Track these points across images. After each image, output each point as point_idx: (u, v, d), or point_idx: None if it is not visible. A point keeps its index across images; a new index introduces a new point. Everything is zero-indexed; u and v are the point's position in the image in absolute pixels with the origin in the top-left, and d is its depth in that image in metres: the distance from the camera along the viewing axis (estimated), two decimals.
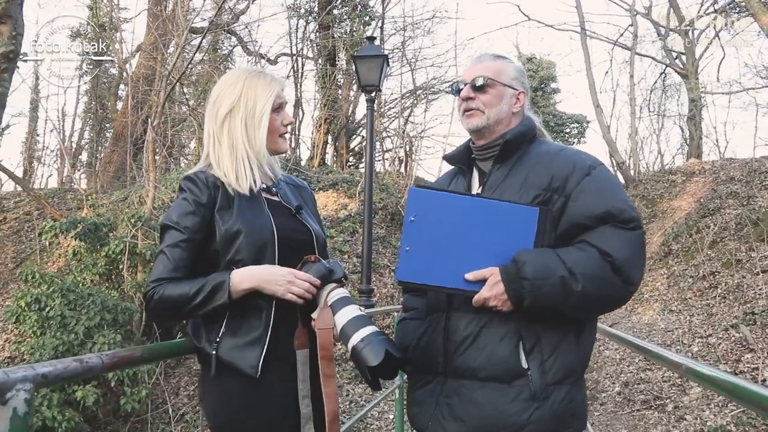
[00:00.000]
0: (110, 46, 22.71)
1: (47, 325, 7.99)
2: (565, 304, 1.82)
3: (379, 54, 9.22)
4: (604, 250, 1.83)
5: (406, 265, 1.87)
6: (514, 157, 2.05)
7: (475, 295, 1.86)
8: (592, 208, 1.88)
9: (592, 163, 1.98)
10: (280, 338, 1.98)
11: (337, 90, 19.96)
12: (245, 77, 2.14)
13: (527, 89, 2.19)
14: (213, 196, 2.02)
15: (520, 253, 1.85)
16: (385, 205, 14.53)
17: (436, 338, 1.98)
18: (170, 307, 1.94)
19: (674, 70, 21.65)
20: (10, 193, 19.30)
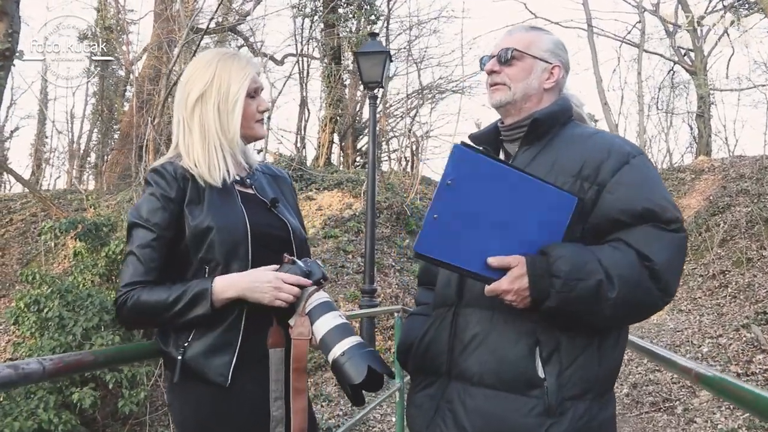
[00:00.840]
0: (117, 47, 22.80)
1: (45, 326, 7.89)
2: (593, 311, 1.60)
3: (382, 50, 9.09)
4: (644, 253, 1.61)
5: (430, 235, 1.60)
6: (544, 140, 1.84)
7: (492, 284, 1.62)
8: (630, 202, 1.66)
9: (632, 150, 1.75)
10: (252, 341, 1.83)
11: (343, 89, 19.87)
12: (218, 59, 1.98)
13: (565, 64, 1.96)
14: (182, 189, 1.87)
15: (555, 247, 1.63)
16: (390, 204, 14.40)
17: (441, 335, 1.79)
18: (145, 315, 1.80)
19: (683, 67, 21.45)
20: (17, 194, 19.35)
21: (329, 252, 12.48)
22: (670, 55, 22.15)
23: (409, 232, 13.93)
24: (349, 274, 11.85)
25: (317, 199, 14.86)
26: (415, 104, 21.21)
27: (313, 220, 13.91)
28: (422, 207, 15.24)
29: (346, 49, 19.18)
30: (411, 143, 20.28)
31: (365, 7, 19.02)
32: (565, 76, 1.96)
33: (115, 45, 22.76)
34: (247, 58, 2.03)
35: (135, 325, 1.93)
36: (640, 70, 20.32)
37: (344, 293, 11.14)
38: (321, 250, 12.53)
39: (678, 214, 1.68)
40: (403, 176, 18.28)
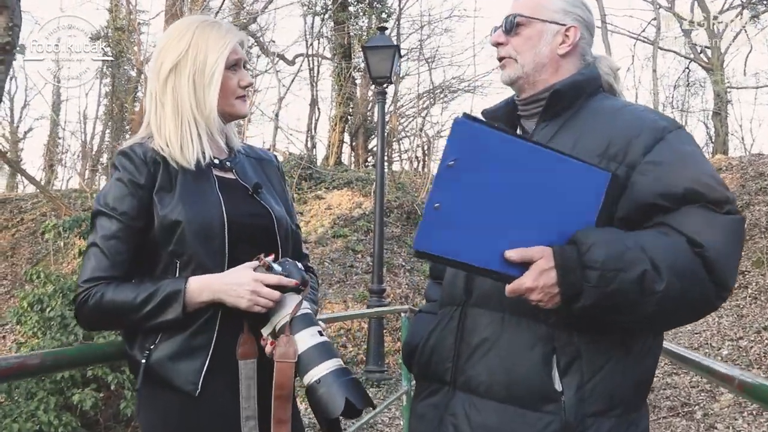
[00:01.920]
0: (129, 48, 22.79)
1: (48, 325, 7.76)
2: (636, 309, 1.33)
3: (390, 44, 8.87)
4: (693, 239, 1.33)
5: (430, 229, 1.33)
6: (566, 114, 1.58)
7: (513, 282, 1.35)
8: (669, 183, 1.38)
9: (668, 124, 1.49)
10: (225, 345, 1.62)
11: (354, 88, 19.71)
12: (195, 26, 1.75)
13: (585, 22, 1.67)
14: (152, 174, 1.65)
15: (585, 232, 1.35)
16: (401, 203, 14.21)
17: (447, 338, 1.56)
18: (109, 316, 1.60)
19: (699, 64, 21.09)
20: (27, 194, 19.36)
21: (338, 251, 12.31)
22: (686, 53, 21.81)
23: None
24: (358, 273, 11.67)
25: (327, 198, 14.69)
26: (426, 104, 21.05)
27: (323, 220, 13.74)
28: None
29: (357, 47, 19.02)
30: (422, 143, 20.11)
31: (376, 4, 18.85)
32: (586, 37, 1.68)
33: (126, 45, 22.80)
34: (228, 27, 1.81)
35: (97, 326, 1.72)
36: (655, 67, 20.01)
37: (353, 293, 10.96)
38: (330, 250, 12.36)
39: (728, 193, 1.40)
40: (414, 176, 18.09)
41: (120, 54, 23.21)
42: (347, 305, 10.54)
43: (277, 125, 15.31)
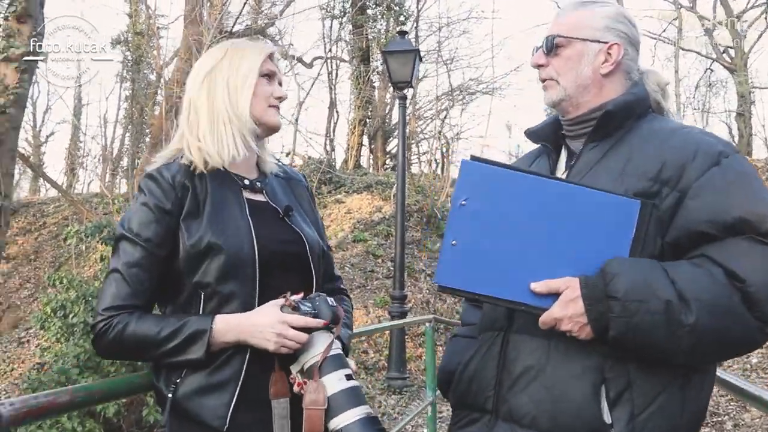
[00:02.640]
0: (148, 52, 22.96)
1: (71, 331, 7.80)
2: (668, 343, 1.31)
3: (411, 49, 8.80)
4: (734, 272, 1.30)
5: (450, 264, 1.38)
6: (616, 135, 1.53)
7: (543, 314, 1.37)
8: (719, 211, 1.35)
9: (723, 148, 1.44)
10: (254, 380, 1.57)
11: (372, 91, 19.69)
12: (231, 42, 1.78)
13: (629, 38, 1.60)
14: (179, 199, 1.60)
15: (612, 263, 1.35)
16: (420, 207, 14.16)
17: (488, 365, 1.52)
18: (130, 349, 1.56)
19: (721, 64, 20.82)
20: (50, 198, 19.56)
21: (358, 256, 12.28)
22: (708, 53, 21.55)
23: (440, 235, 13.63)
24: (379, 279, 11.63)
25: (346, 203, 14.68)
26: (445, 106, 20.94)
27: (342, 224, 13.73)
28: None
29: (375, 50, 19.00)
30: (441, 145, 20.03)
31: (394, 7, 18.82)
32: (631, 53, 1.61)
33: (146, 50, 22.96)
34: (263, 41, 1.82)
35: (116, 357, 1.68)
36: (677, 68, 19.79)
37: (373, 299, 10.92)
38: (350, 255, 12.33)
39: None
40: (433, 178, 18.03)
41: (140, 58, 23.41)
42: (368, 311, 10.50)
43: (296, 130, 15.28)
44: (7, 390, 10.10)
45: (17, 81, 6.94)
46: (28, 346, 11.50)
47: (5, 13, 7.06)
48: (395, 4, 19.03)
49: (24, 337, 11.95)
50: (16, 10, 6.98)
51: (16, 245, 16.49)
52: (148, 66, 24.03)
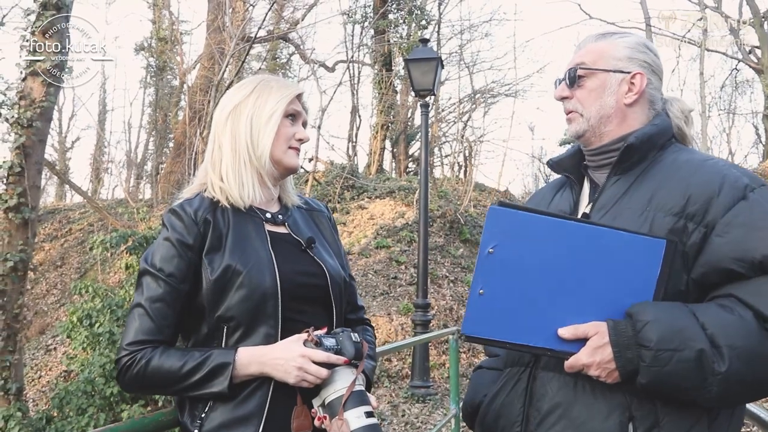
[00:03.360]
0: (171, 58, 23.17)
1: (97, 341, 7.87)
2: (699, 389, 1.29)
3: (433, 56, 8.77)
4: (765, 314, 1.28)
5: (477, 313, 1.38)
6: (639, 168, 1.52)
7: (571, 359, 1.36)
8: (747, 248, 1.33)
9: (750, 182, 1.41)
10: (277, 414, 1.57)
11: (395, 95, 19.67)
12: (260, 79, 1.78)
13: (652, 67, 1.60)
14: (202, 234, 1.62)
15: (642, 307, 1.33)
16: (443, 212, 14.10)
17: (515, 402, 1.52)
18: (154, 383, 1.56)
19: (747, 65, 20.52)
20: (75, 204, 19.80)
21: (381, 263, 12.26)
22: (733, 53, 21.25)
23: (464, 240, 13.60)
24: (402, 285, 11.59)
25: (369, 208, 14.67)
26: (467, 109, 20.86)
27: (365, 230, 13.72)
28: (476, 214, 14.89)
29: (397, 54, 18.98)
30: (464, 148, 19.96)
31: (416, 12, 18.80)
32: (654, 82, 1.61)
33: (169, 56, 23.17)
34: (292, 82, 1.83)
35: (140, 391, 1.69)
36: (702, 69, 19.49)
37: (396, 306, 10.89)
38: (373, 261, 12.32)
39: None
40: (456, 182, 17.96)
41: (163, 64, 23.63)
42: (391, 318, 10.48)
43: (318, 136, 15.31)
44: (35, 399, 10.21)
45: (44, 95, 7.03)
46: (55, 354, 11.62)
47: (32, 28, 7.14)
48: (417, 8, 19.00)
49: (51, 345, 12.09)
50: (42, 25, 7.06)
51: (42, 252, 16.71)
52: (172, 72, 24.26)
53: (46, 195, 24.41)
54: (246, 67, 18.93)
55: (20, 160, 6.89)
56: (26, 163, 6.93)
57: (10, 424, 6.71)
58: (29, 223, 7.05)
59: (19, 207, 6.97)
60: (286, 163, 1.75)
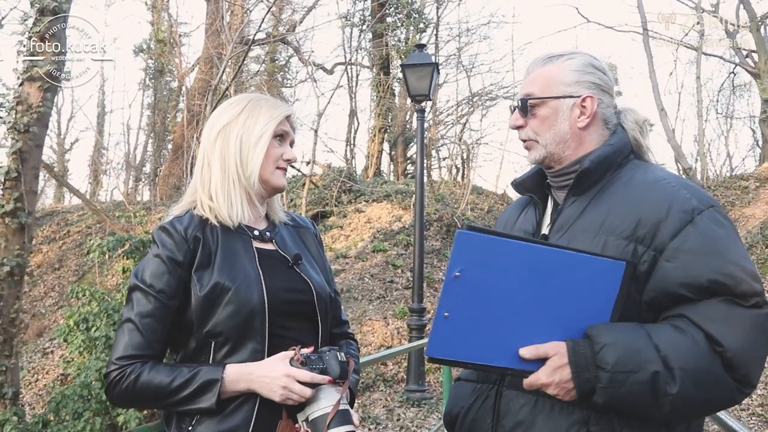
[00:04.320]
0: (170, 60, 23.19)
1: (93, 345, 7.88)
2: (652, 408, 1.33)
3: (429, 62, 8.81)
4: (713, 337, 1.32)
5: (441, 336, 1.41)
6: (595, 188, 1.55)
7: (530, 377, 1.40)
8: (694, 273, 1.36)
9: (698, 203, 1.43)
10: (263, 428, 1.60)
11: (393, 99, 19.70)
12: (251, 98, 1.81)
13: (601, 86, 1.62)
14: (192, 251, 1.65)
15: (600, 329, 1.37)
16: (440, 216, 14.13)
17: (484, 419, 1.57)
18: (143, 398, 1.59)
19: (744, 69, 20.55)
20: (74, 207, 19.79)
21: (378, 266, 12.28)
22: (731, 57, 21.28)
23: None
24: (398, 289, 11.62)
25: (366, 212, 14.69)
26: (465, 111, 20.90)
27: (362, 233, 13.74)
28: (473, 218, 14.91)
29: (395, 58, 19.01)
30: (462, 151, 20.00)
31: (414, 15, 18.82)
32: (606, 100, 1.63)
33: (168, 58, 23.19)
34: (281, 102, 1.84)
35: (129, 405, 1.72)
36: (698, 74, 19.55)
37: (393, 309, 10.92)
38: (369, 265, 12.34)
39: (757, 285, 1.36)
40: (453, 186, 17.98)
41: (162, 66, 23.65)
42: (387, 322, 10.50)
43: (316, 141, 15.34)
44: (32, 402, 10.23)
45: (41, 100, 7.05)
46: (52, 357, 11.63)
47: (29, 33, 7.17)
48: (415, 12, 19.03)
49: (48, 348, 12.10)
50: (39, 30, 7.08)
51: (40, 254, 16.71)
52: (170, 74, 24.28)
53: (44, 197, 24.41)
54: (244, 69, 18.95)
55: (17, 165, 6.91)
56: (23, 168, 6.95)
57: (6, 428, 6.73)
58: (26, 227, 7.07)
59: (15, 212, 6.98)
60: (273, 183, 1.78)
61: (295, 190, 15.44)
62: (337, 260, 12.55)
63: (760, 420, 6.89)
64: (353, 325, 10.23)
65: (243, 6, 17.56)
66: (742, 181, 15.88)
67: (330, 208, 14.96)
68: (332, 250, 13.05)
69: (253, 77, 20.56)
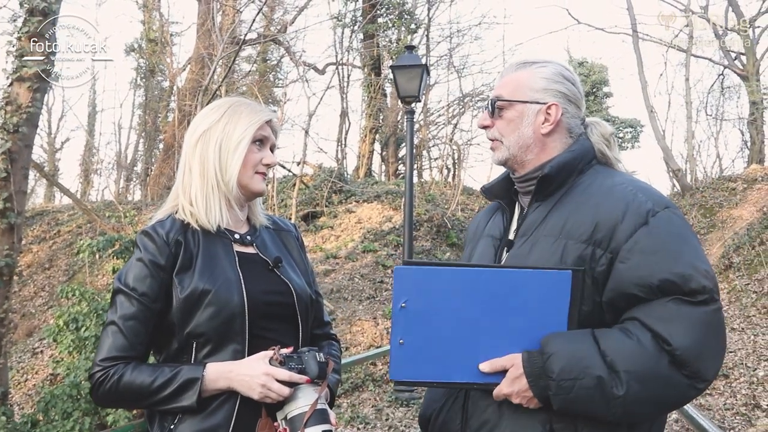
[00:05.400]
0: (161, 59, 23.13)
1: (83, 345, 7.88)
2: (605, 412, 1.38)
3: (418, 64, 8.85)
4: (661, 335, 1.37)
5: (400, 361, 1.50)
6: (558, 194, 1.60)
7: (494, 390, 1.46)
8: (645, 273, 1.41)
9: (653, 206, 1.48)
10: (243, 426, 1.64)
11: (384, 99, 19.74)
12: (232, 102, 1.84)
13: (567, 97, 1.67)
14: (173, 255, 1.70)
15: (549, 339, 1.43)
16: (430, 216, 14.19)
17: (454, 419, 1.63)
18: (126, 398, 1.63)
19: (733, 71, 20.69)
20: (64, 206, 19.72)
21: (368, 267, 12.32)
22: (720, 59, 21.41)
23: (450, 244, 13.68)
24: (388, 290, 11.66)
25: (357, 212, 14.73)
26: (456, 112, 20.97)
27: (353, 234, 13.78)
28: (463, 218, 14.98)
29: (387, 58, 19.06)
30: (452, 152, 20.06)
31: (405, 16, 18.87)
32: (571, 110, 1.68)
33: (159, 57, 23.14)
34: (262, 107, 1.87)
35: (112, 405, 1.77)
36: (688, 76, 19.68)
37: (382, 310, 10.96)
38: (359, 265, 12.38)
39: (707, 282, 1.40)
40: (444, 186, 18.04)
41: (153, 65, 23.59)
42: (377, 322, 10.54)
43: (306, 141, 15.37)
44: (21, 402, 10.21)
45: (30, 100, 7.04)
46: (42, 357, 11.61)
47: (19, 33, 7.16)
48: (406, 13, 19.08)
49: (38, 348, 12.07)
50: (29, 30, 7.08)
51: (30, 254, 16.66)
52: (162, 74, 24.23)
53: (34, 196, 24.31)
54: (235, 69, 18.95)
55: (6, 165, 6.90)
56: (12, 168, 6.94)
57: None
58: (15, 227, 7.06)
59: (4, 212, 6.98)
60: (252, 188, 1.82)
61: (286, 190, 15.46)
62: (328, 260, 12.58)
63: (744, 419, 6.96)
64: (343, 325, 10.27)
65: (234, 6, 17.55)
66: (730, 182, 15.99)
67: (321, 208, 14.99)
68: (322, 250, 13.08)
69: (244, 77, 20.57)
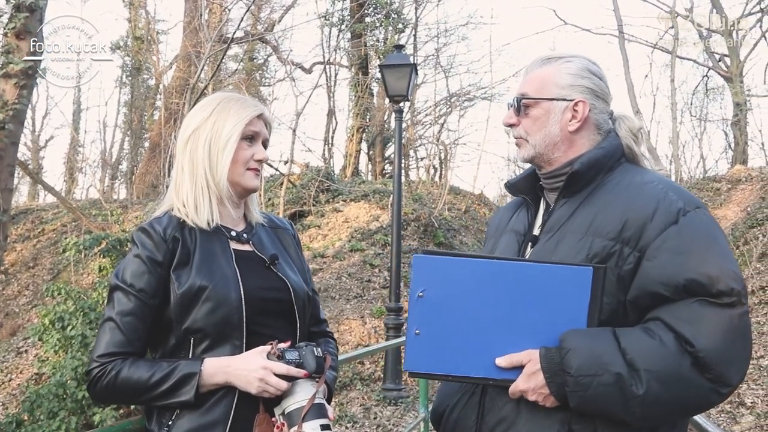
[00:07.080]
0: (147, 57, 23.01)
1: (69, 344, 7.83)
2: (624, 411, 1.36)
3: (407, 63, 8.88)
4: (685, 336, 1.34)
5: (416, 352, 1.48)
6: (586, 191, 1.56)
7: (510, 386, 1.44)
8: (672, 272, 1.38)
9: (684, 205, 1.45)
10: (241, 421, 1.64)
11: (371, 99, 19.74)
12: (221, 99, 1.82)
13: (595, 92, 1.63)
14: (171, 251, 1.69)
15: (569, 335, 1.41)
16: (418, 216, 14.21)
17: (469, 415, 1.60)
18: (123, 393, 1.62)
19: (717, 73, 20.87)
20: (48, 205, 19.55)
21: (355, 266, 12.32)
22: (704, 60, 21.61)
23: (438, 244, 13.70)
24: (375, 289, 11.67)
25: (344, 211, 14.72)
26: (443, 112, 21.01)
27: (340, 233, 13.77)
28: (450, 218, 15.02)
29: (374, 58, 19.06)
30: (440, 151, 20.11)
31: (393, 15, 18.89)
32: (599, 105, 1.65)
33: (145, 55, 23.01)
34: (252, 102, 1.85)
35: (110, 402, 1.76)
36: (673, 77, 19.82)
37: (370, 309, 10.97)
38: (347, 264, 12.38)
39: (735, 285, 1.36)
40: (431, 186, 18.08)
41: (139, 64, 23.46)
42: (364, 321, 10.55)
43: (294, 140, 15.33)
44: (5, 402, 10.12)
45: (16, 97, 7.00)
46: (27, 356, 11.50)
47: (5, 30, 7.11)
48: (394, 12, 19.09)
49: (22, 347, 11.96)
50: (15, 27, 7.03)
51: (14, 252, 16.51)
52: (148, 72, 24.10)
53: (18, 194, 24.06)
54: (223, 67, 18.88)
55: None
56: None
57: None
58: (1, 226, 7.01)
59: None
60: (244, 185, 1.81)
61: (273, 189, 15.43)
62: (315, 259, 12.57)
63: (728, 417, 7.03)
64: (331, 324, 10.23)
65: (222, 4, 17.49)
66: (715, 183, 16.12)
67: (308, 207, 14.97)
68: (310, 249, 13.07)
69: (231, 76, 20.52)
